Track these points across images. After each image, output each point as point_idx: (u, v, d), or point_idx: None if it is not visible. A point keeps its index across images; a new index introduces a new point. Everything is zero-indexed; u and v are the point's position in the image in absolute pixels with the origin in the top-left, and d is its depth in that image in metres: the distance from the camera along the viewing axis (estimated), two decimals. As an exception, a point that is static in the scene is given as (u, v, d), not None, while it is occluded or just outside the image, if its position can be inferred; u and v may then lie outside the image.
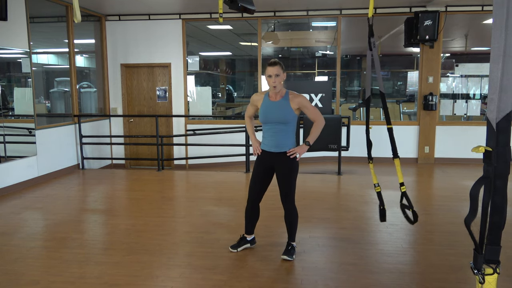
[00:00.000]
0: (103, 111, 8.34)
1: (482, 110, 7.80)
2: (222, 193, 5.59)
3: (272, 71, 3.18)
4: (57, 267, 3.32)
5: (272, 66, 3.19)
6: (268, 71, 3.20)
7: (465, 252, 3.53)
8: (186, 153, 8.26)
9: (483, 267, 1.80)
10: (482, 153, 1.76)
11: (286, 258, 3.38)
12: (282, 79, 3.22)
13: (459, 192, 5.59)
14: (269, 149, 3.31)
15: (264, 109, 3.29)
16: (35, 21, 6.40)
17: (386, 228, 4.15)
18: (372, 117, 9.77)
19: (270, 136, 3.28)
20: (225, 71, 12.04)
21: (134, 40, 8.12)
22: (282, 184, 3.32)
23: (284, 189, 3.33)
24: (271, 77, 3.19)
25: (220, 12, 4.50)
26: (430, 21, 6.91)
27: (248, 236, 3.64)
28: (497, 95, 1.69)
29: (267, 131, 3.31)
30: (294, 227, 3.44)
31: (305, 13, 7.72)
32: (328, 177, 6.49)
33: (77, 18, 3.54)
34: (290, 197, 3.34)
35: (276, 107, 3.24)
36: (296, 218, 3.42)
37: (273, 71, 3.18)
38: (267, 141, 3.31)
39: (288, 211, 3.38)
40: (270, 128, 3.28)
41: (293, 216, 3.40)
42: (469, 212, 1.76)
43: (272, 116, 3.23)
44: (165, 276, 3.16)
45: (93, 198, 5.59)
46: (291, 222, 3.41)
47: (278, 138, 3.25)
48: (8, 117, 6.21)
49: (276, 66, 3.18)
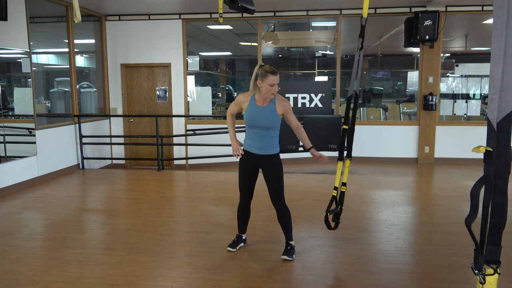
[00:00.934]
0: (103, 111, 8.33)
1: (482, 110, 7.80)
2: (222, 193, 5.59)
3: (276, 80, 3.17)
4: (57, 267, 3.32)
5: (275, 75, 3.17)
6: (271, 80, 3.16)
7: (465, 252, 3.52)
8: (186, 153, 8.26)
9: (483, 267, 1.80)
10: (483, 153, 1.76)
11: (286, 258, 3.38)
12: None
13: (459, 192, 5.59)
14: (254, 151, 3.33)
15: (251, 114, 3.28)
16: (35, 21, 6.40)
17: (386, 228, 4.15)
18: (371, 117, 9.78)
19: (255, 139, 3.31)
20: (225, 71, 12.04)
21: (134, 40, 8.12)
22: (272, 184, 3.35)
23: (274, 190, 3.35)
24: (273, 86, 3.18)
25: (220, 12, 4.51)
26: (430, 21, 6.91)
27: (243, 235, 3.69)
28: (498, 95, 1.69)
29: (252, 134, 3.32)
30: (290, 226, 3.45)
31: (305, 13, 7.72)
32: (328, 177, 6.48)
33: (77, 18, 3.54)
34: (281, 196, 3.38)
35: (263, 113, 3.24)
36: (289, 216, 3.44)
37: (276, 80, 3.18)
38: (252, 142, 3.33)
39: (281, 211, 3.40)
40: (256, 132, 3.29)
41: (287, 214, 3.42)
42: (470, 212, 1.76)
43: (259, 121, 3.24)
44: (165, 276, 3.16)
45: (93, 198, 5.59)
46: (286, 221, 3.43)
47: (264, 141, 3.29)
48: (8, 117, 6.21)
49: (278, 75, 3.20)
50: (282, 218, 3.43)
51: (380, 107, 9.27)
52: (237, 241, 3.65)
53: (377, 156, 7.80)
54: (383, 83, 12.09)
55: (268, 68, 3.21)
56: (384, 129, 7.90)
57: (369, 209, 4.87)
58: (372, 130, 7.85)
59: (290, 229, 3.46)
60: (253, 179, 3.45)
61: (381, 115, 9.36)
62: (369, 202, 5.15)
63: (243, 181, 3.45)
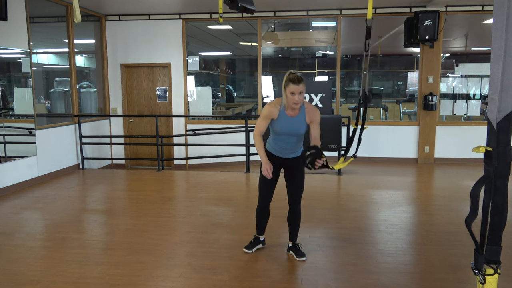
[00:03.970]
0: (103, 111, 8.33)
1: (482, 110, 7.80)
2: (222, 193, 5.59)
3: (297, 89, 2.93)
4: (57, 267, 3.32)
5: (297, 84, 2.92)
6: (291, 88, 2.93)
7: (465, 252, 3.52)
8: (186, 153, 8.26)
9: (483, 267, 1.80)
10: (483, 153, 1.76)
11: (304, 259, 3.39)
12: (303, 95, 3.01)
13: (459, 192, 5.59)
14: (280, 155, 3.29)
15: (282, 124, 3.13)
16: (35, 21, 6.40)
17: (386, 228, 4.15)
18: (372, 117, 9.78)
19: (282, 144, 3.24)
20: (225, 71, 12.05)
21: (134, 40, 8.12)
22: (295, 188, 3.35)
23: (296, 193, 3.36)
24: (294, 95, 2.95)
25: (220, 12, 4.51)
26: (430, 21, 6.91)
27: (261, 236, 3.64)
28: (498, 95, 1.69)
29: (279, 139, 3.23)
30: (298, 228, 3.48)
31: (305, 13, 7.72)
32: (328, 177, 6.48)
33: (77, 18, 3.54)
34: (300, 200, 3.40)
35: (294, 122, 3.13)
36: (300, 218, 3.47)
37: (298, 89, 2.93)
38: (278, 147, 3.27)
39: (296, 212, 3.41)
40: (283, 138, 3.21)
41: (300, 217, 3.45)
42: (470, 212, 1.76)
43: (289, 130, 3.15)
44: (165, 276, 3.16)
45: (93, 198, 5.59)
46: (298, 223, 3.45)
47: (291, 147, 3.25)
48: (8, 117, 6.21)
49: (301, 84, 2.93)
50: (295, 220, 3.43)
51: (380, 107, 9.27)
52: (254, 243, 3.61)
53: (377, 156, 7.80)
54: (383, 83, 12.09)
55: (292, 76, 2.97)
56: (384, 129, 7.90)
57: (369, 209, 4.87)
58: (372, 130, 7.84)
59: (298, 231, 3.49)
60: (276, 181, 3.39)
61: (381, 115, 9.36)
62: (369, 202, 5.15)
63: (265, 183, 3.34)
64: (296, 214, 3.41)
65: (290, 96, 2.98)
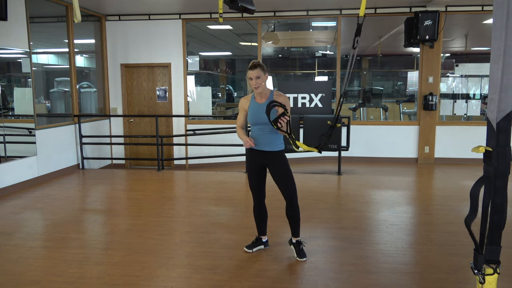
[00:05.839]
0: (103, 111, 8.33)
1: (482, 110, 7.80)
2: (222, 193, 5.59)
3: (252, 74, 3.22)
4: (57, 267, 3.32)
5: (252, 69, 3.22)
6: (249, 74, 3.24)
7: (465, 252, 3.52)
8: (186, 153, 8.26)
9: (483, 267, 1.80)
10: (482, 153, 1.76)
11: (304, 260, 3.38)
12: (263, 80, 3.26)
13: (459, 192, 5.59)
14: (260, 148, 3.34)
15: (252, 112, 3.33)
16: (35, 21, 6.40)
17: (386, 228, 4.15)
18: (372, 117, 9.78)
19: (260, 135, 3.33)
20: (225, 71, 12.05)
21: (134, 40, 8.12)
22: (284, 185, 3.35)
23: (288, 190, 3.35)
24: (252, 80, 3.24)
25: (220, 12, 4.50)
26: (430, 21, 6.91)
27: (263, 237, 3.64)
28: (498, 95, 1.69)
29: (256, 130, 3.35)
30: (299, 222, 3.46)
31: (305, 13, 7.72)
32: (328, 177, 6.49)
33: (77, 18, 3.54)
34: (295, 195, 3.38)
35: (262, 109, 3.23)
36: (299, 213, 3.45)
37: (253, 74, 3.22)
38: (257, 140, 3.34)
39: (293, 207, 3.39)
40: (259, 128, 3.32)
41: (298, 211, 3.43)
42: (469, 212, 1.76)
43: (261, 117, 3.24)
44: (165, 276, 3.16)
45: (93, 198, 5.59)
46: (297, 217, 3.44)
47: (268, 137, 3.31)
48: (8, 117, 6.21)
49: (256, 69, 3.21)
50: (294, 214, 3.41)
51: (380, 107, 9.27)
52: (255, 243, 3.61)
53: (377, 156, 7.80)
54: (383, 83, 12.10)
55: (250, 63, 3.26)
56: (384, 129, 7.90)
57: (369, 209, 4.87)
58: (372, 130, 7.85)
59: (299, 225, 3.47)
60: (262, 178, 3.45)
61: (381, 115, 9.36)
62: (369, 202, 5.15)
63: (252, 181, 3.45)
64: (293, 208, 3.39)
65: (250, 82, 3.28)
